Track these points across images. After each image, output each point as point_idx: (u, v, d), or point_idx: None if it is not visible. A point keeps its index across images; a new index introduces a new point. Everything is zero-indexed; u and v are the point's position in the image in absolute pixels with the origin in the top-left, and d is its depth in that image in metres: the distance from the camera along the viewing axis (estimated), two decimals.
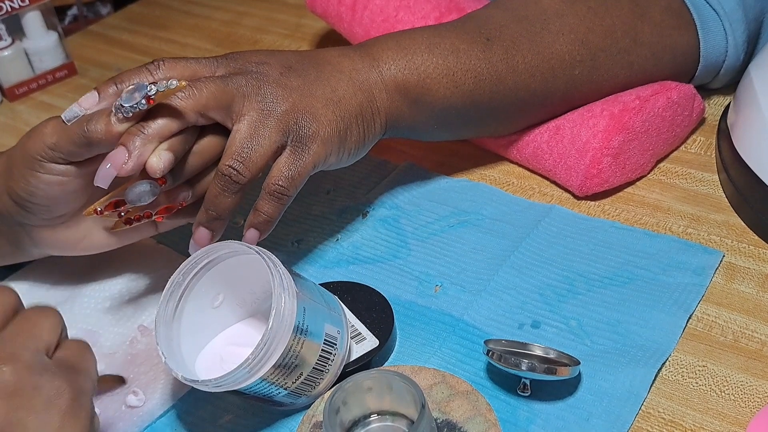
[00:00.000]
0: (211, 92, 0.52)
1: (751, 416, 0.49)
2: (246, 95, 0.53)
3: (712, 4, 0.67)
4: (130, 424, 0.53)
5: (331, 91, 0.57)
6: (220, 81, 0.53)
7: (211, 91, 0.52)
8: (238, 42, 1.00)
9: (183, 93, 0.51)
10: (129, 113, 0.50)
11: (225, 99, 0.52)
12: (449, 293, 0.59)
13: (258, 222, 0.55)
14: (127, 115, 0.50)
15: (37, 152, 0.52)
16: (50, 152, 0.52)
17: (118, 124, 0.50)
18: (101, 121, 0.50)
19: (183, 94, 0.51)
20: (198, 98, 0.52)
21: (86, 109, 0.52)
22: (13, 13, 0.91)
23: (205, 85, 0.52)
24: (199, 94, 0.52)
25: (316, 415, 0.49)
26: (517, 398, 0.51)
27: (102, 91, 0.53)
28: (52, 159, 0.52)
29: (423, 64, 0.60)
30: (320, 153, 0.55)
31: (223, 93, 0.52)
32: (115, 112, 0.50)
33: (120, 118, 0.50)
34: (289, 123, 0.54)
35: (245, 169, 0.52)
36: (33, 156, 0.52)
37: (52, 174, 0.53)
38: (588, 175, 0.64)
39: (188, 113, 0.51)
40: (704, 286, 0.57)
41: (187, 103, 0.51)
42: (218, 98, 0.52)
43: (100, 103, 0.52)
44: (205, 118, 0.53)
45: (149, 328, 0.60)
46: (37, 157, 0.52)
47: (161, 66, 0.54)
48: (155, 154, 0.50)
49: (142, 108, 0.49)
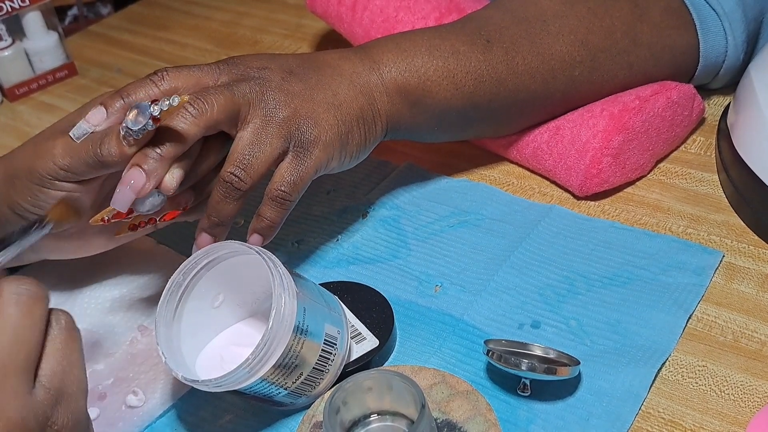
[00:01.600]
0: (221, 106, 0.52)
1: (751, 416, 0.49)
2: (251, 102, 0.54)
3: (712, 4, 0.67)
4: (130, 424, 0.53)
5: (332, 95, 0.57)
6: (228, 92, 0.53)
7: (221, 105, 0.52)
8: (238, 42, 1.00)
9: (194, 110, 0.51)
10: (138, 135, 0.49)
11: (233, 111, 0.53)
12: (449, 293, 0.59)
13: (261, 227, 0.55)
14: (137, 137, 0.49)
15: (47, 172, 0.51)
16: (62, 173, 0.51)
17: (129, 147, 0.50)
18: (113, 144, 0.50)
19: (194, 111, 0.51)
20: (209, 115, 0.51)
21: (95, 126, 0.51)
22: (14, 13, 0.92)
23: (214, 98, 0.52)
24: (210, 109, 0.51)
25: (316, 415, 0.49)
26: (517, 398, 0.51)
27: (109, 106, 0.52)
28: (63, 179, 0.52)
29: (423, 66, 0.60)
30: (322, 158, 0.55)
31: (232, 105, 0.52)
32: (125, 135, 0.49)
33: (130, 142, 0.49)
34: (290, 129, 0.54)
35: (247, 176, 0.53)
36: (43, 175, 0.52)
37: (61, 191, 0.52)
38: (588, 175, 0.64)
39: (200, 130, 0.51)
40: (704, 286, 0.57)
41: (200, 120, 0.51)
42: (227, 111, 0.52)
43: (108, 118, 0.52)
44: (213, 130, 0.53)
45: (149, 328, 0.60)
46: (47, 177, 0.52)
47: (165, 77, 0.54)
48: (168, 172, 0.50)
49: (150, 129, 0.49)
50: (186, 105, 0.50)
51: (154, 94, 0.53)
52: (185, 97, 0.49)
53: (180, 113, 0.50)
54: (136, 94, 0.53)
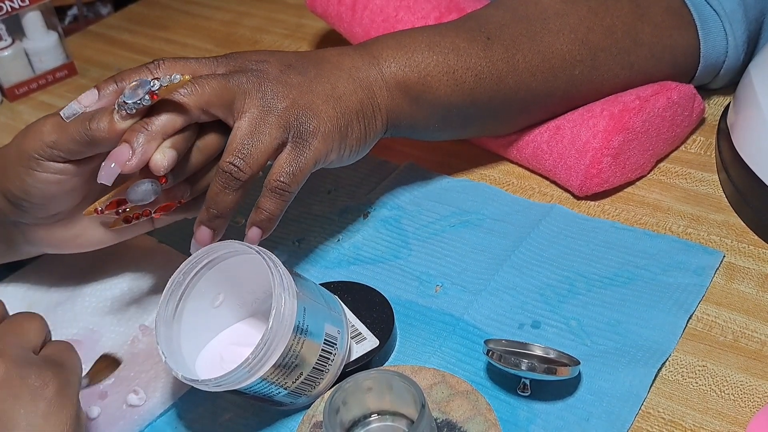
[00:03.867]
0: (213, 88, 0.52)
1: (751, 416, 0.49)
2: (247, 92, 0.53)
3: (713, 5, 0.67)
4: (131, 423, 0.53)
5: (331, 87, 0.57)
6: (222, 78, 0.53)
7: (213, 88, 0.52)
8: (238, 42, 1.00)
9: (185, 90, 0.51)
10: (132, 110, 0.49)
11: (227, 96, 0.52)
12: (450, 293, 0.59)
13: (260, 220, 0.55)
14: (130, 112, 0.49)
15: (35, 150, 0.51)
16: (49, 150, 0.51)
17: (121, 121, 0.50)
18: (104, 119, 0.50)
19: (185, 91, 0.51)
20: (201, 94, 0.51)
21: (86, 107, 0.51)
22: (13, 13, 0.91)
23: (207, 81, 0.52)
24: (201, 90, 0.51)
25: (316, 415, 0.49)
26: (517, 398, 0.51)
27: (102, 89, 0.52)
28: (51, 157, 0.51)
29: (423, 62, 0.60)
30: (321, 149, 0.55)
31: (225, 90, 0.52)
32: (118, 109, 0.49)
33: (123, 115, 0.49)
34: (289, 119, 0.54)
35: (246, 166, 0.52)
36: (30, 154, 0.51)
37: (49, 172, 0.52)
38: (588, 175, 0.64)
39: (191, 110, 0.51)
40: (704, 286, 0.57)
41: (190, 99, 0.51)
42: (220, 95, 0.52)
43: (99, 100, 0.52)
44: (208, 115, 0.52)
45: (150, 327, 0.60)
46: (35, 156, 0.51)
47: (161, 65, 0.54)
48: (159, 151, 0.50)
49: (146, 104, 0.49)
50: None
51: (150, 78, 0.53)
52: (187, 77, 0.49)
53: (173, 94, 0.50)
54: (130, 79, 0.52)
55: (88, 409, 0.54)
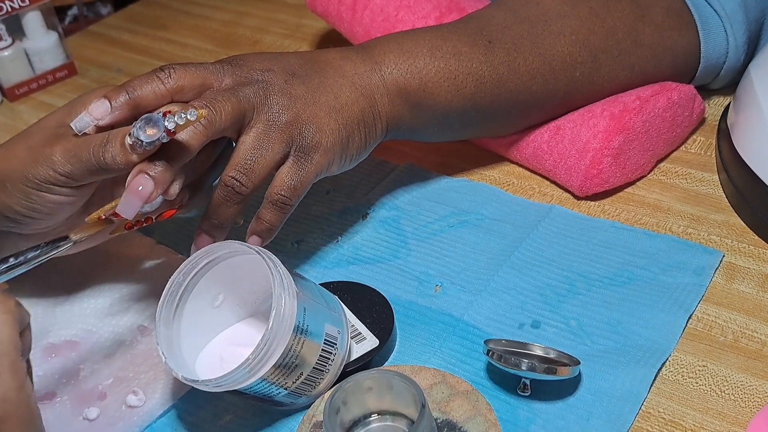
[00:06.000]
0: (227, 114, 0.52)
1: (751, 416, 0.49)
2: (255, 107, 0.54)
3: (713, 5, 0.67)
4: (130, 424, 0.53)
5: (333, 98, 0.57)
6: (234, 98, 0.52)
7: (227, 113, 0.52)
8: (238, 42, 1.00)
9: (203, 120, 0.50)
10: (149, 147, 0.48)
11: (239, 117, 0.53)
12: (449, 293, 0.59)
13: (260, 230, 0.55)
14: (147, 149, 0.48)
15: (46, 179, 0.50)
16: (62, 179, 0.50)
17: (137, 156, 0.48)
18: (118, 152, 0.48)
19: (204, 121, 0.50)
20: (217, 125, 0.51)
21: (97, 119, 0.50)
22: (13, 13, 0.91)
23: (222, 107, 0.52)
24: (218, 119, 0.51)
25: (316, 415, 0.49)
26: (517, 398, 0.51)
27: (112, 99, 0.51)
28: (63, 185, 0.51)
29: (425, 68, 0.60)
30: (323, 162, 0.56)
31: (238, 111, 0.52)
32: (134, 145, 0.48)
33: (139, 152, 0.48)
34: (293, 134, 0.55)
35: (248, 181, 0.53)
36: (41, 181, 0.50)
37: (58, 195, 0.51)
38: (588, 175, 0.64)
39: (208, 139, 0.51)
40: (704, 286, 0.57)
41: (208, 130, 0.51)
42: (234, 119, 0.52)
43: (112, 113, 0.51)
44: (218, 137, 0.53)
45: (149, 328, 0.60)
46: (44, 183, 0.50)
47: (172, 75, 0.53)
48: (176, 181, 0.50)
49: (163, 141, 0.48)
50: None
51: (160, 91, 0.52)
52: (203, 112, 0.48)
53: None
54: (141, 89, 0.52)
55: (87, 411, 0.54)
